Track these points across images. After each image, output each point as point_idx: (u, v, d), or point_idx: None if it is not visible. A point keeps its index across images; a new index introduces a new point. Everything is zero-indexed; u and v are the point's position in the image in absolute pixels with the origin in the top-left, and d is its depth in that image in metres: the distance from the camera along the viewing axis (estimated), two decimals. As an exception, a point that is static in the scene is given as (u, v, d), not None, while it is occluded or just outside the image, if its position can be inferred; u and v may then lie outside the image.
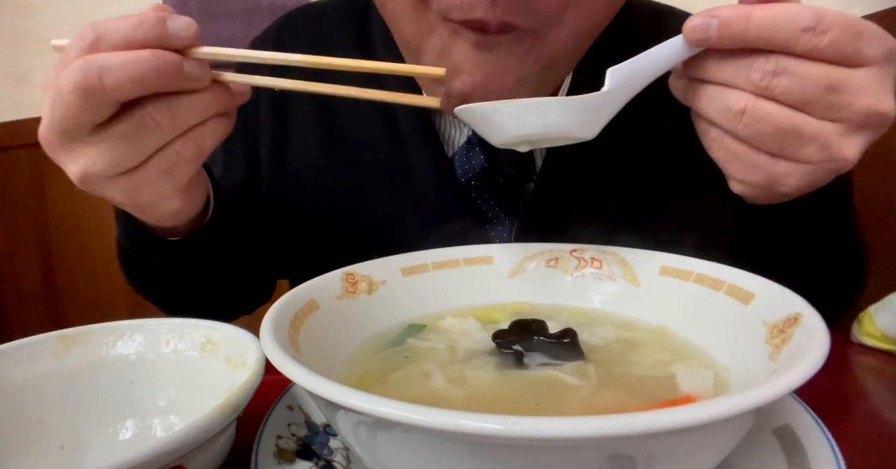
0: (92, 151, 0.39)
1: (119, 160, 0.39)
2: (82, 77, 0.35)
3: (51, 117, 0.38)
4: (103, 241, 1.68)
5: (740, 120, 0.36)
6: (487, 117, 0.40)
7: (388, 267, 0.46)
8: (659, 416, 0.20)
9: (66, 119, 0.37)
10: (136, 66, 0.35)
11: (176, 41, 0.36)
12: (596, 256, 0.47)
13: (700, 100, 0.38)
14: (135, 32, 0.36)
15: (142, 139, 0.38)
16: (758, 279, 0.37)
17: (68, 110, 0.36)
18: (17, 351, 0.39)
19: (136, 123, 0.37)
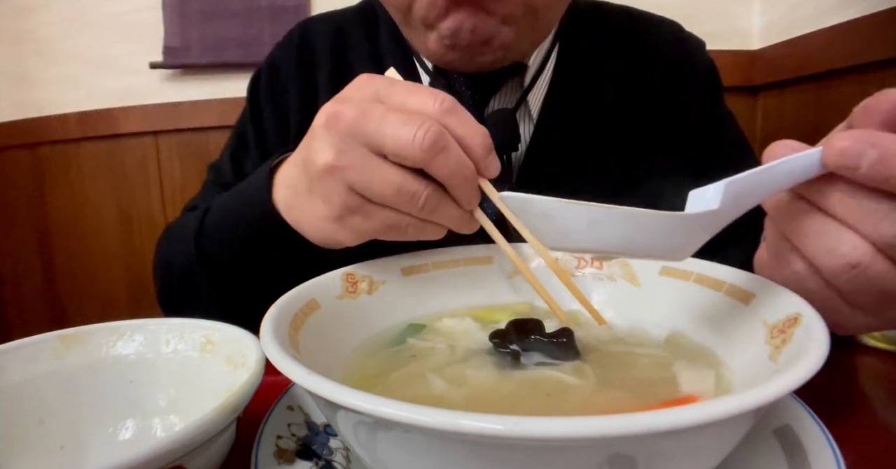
0: (352, 231, 0.43)
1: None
2: (402, 201, 0.39)
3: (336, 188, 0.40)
4: (103, 241, 1.68)
5: (847, 273, 0.30)
6: (549, 217, 0.32)
7: (388, 267, 0.46)
8: (659, 416, 0.20)
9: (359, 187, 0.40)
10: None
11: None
12: (596, 256, 0.47)
13: (802, 229, 0.31)
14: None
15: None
16: (758, 279, 0.36)
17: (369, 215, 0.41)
18: (17, 351, 0.39)
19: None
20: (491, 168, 0.39)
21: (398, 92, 0.39)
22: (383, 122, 0.37)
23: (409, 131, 0.36)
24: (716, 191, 0.30)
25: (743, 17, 1.35)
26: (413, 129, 0.35)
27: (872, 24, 0.97)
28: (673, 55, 0.73)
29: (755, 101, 1.34)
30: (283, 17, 1.50)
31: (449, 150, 0.37)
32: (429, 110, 0.37)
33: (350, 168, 0.39)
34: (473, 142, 0.38)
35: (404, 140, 0.36)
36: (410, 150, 0.36)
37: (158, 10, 1.53)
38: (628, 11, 0.76)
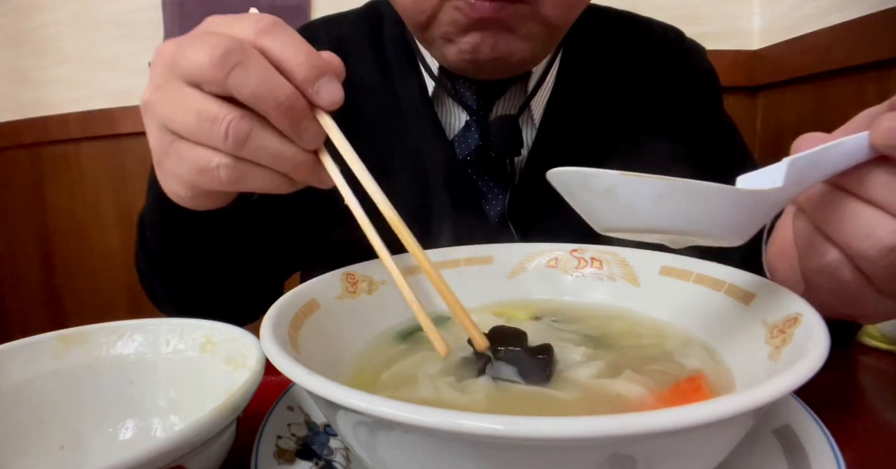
0: (184, 152, 0.37)
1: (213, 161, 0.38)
2: (235, 142, 0.34)
3: (167, 119, 0.36)
4: (103, 241, 1.68)
5: (885, 257, 0.29)
6: (612, 193, 0.29)
7: (388, 267, 0.45)
8: (659, 416, 0.20)
9: (188, 154, 0.36)
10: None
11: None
12: (596, 256, 0.47)
13: (835, 215, 0.31)
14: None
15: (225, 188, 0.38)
16: (758, 279, 0.36)
17: (194, 147, 0.36)
18: (17, 351, 0.39)
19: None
20: (323, 94, 0.35)
21: (225, 21, 0.36)
22: (190, 48, 0.34)
23: (205, 50, 0.32)
24: (779, 169, 0.29)
25: (743, 17, 1.35)
26: (209, 48, 0.32)
27: (872, 24, 0.97)
28: (675, 62, 0.74)
29: (755, 101, 1.34)
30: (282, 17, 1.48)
31: (247, 67, 0.32)
32: (244, 33, 0.34)
33: (159, 101, 0.36)
34: (293, 62, 0.34)
35: (199, 59, 0.33)
36: (202, 69, 0.33)
37: (158, 10, 1.53)
38: (632, 18, 0.77)
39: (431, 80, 0.68)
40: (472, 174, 0.68)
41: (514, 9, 0.53)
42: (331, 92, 0.35)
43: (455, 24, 0.54)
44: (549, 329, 0.42)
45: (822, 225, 0.32)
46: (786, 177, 0.29)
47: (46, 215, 1.73)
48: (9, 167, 1.73)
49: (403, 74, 0.70)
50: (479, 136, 0.67)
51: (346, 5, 0.80)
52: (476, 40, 0.55)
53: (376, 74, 0.71)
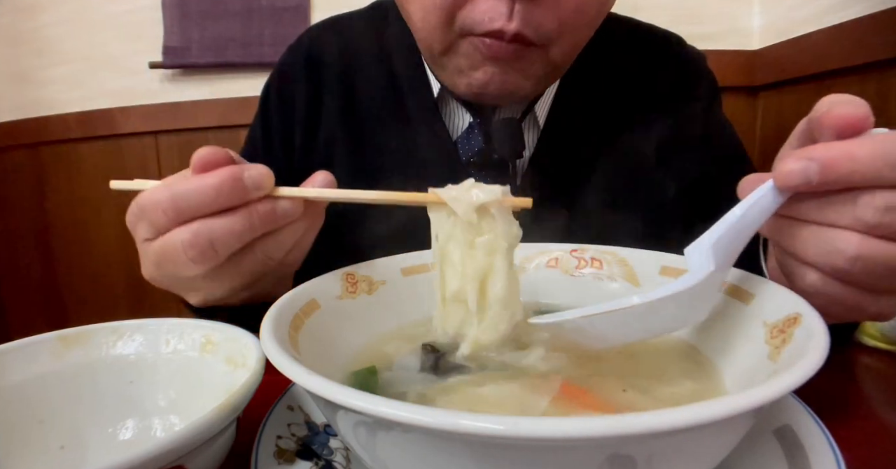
0: (210, 285, 0.43)
1: (239, 287, 0.43)
2: (197, 252, 0.38)
3: (160, 272, 0.42)
4: (103, 241, 1.68)
5: (854, 264, 0.31)
6: (581, 331, 0.35)
7: (388, 267, 0.46)
8: (659, 416, 0.20)
9: (180, 274, 0.41)
10: (240, 227, 0.38)
11: (258, 193, 0.39)
12: (596, 256, 0.47)
13: (797, 242, 0.33)
14: (217, 198, 0.37)
15: (258, 269, 0.42)
16: (758, 279, 0.36)
17: (182, 270, 0.40)
18: (17, 351, 0.39)
19: (251, 262, 0.41)
20: (258, 187, 0.39)
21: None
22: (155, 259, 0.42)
23: (179, 256, 0.39)
24: (707, 256, 0.33)
25: (743, 17, 1.35)
26: (167, 253, 0.40)
27: (872, 24, 0.97)
28: (675, 68, 0.75)
29: (755, 101, 1.34)
30: (283, 17, 1.50)
31: (218, 237, 0.38)
32: (158, 223, 0.40)
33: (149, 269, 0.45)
34: (217, 201, 0.38)
35: (179, 264, 0.40)
36: (190, 265, 0.40)
37: (158, 10, 1.53)
38: (635, 25, 0.78)
39: (437, 83, 0.69)
40: (474, 175, 0.68)
41: (528, 51, 0.55)
42: (252, 180, 0.38)
43: (469, 58, 0.56)
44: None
45: (791, 251, 0.34)
46: (715, 260, 0.33)
47: (46, 215, 1.73)
48: (9, 167, 1.73)
49: (409, 77, 0.71)
50: (483, 138, 0.68)
51: (346, 5, 0.80)
52: (486, 77, 0.57)
53: (382, 77, 0.72)
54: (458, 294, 0.38)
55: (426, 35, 0.58)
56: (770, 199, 0.33)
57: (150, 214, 0.39)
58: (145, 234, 0.41)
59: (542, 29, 0.54)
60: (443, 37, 0.57)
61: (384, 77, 0.72)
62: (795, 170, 0.31)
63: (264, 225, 0.39)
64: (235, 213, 0.38)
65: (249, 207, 0.38)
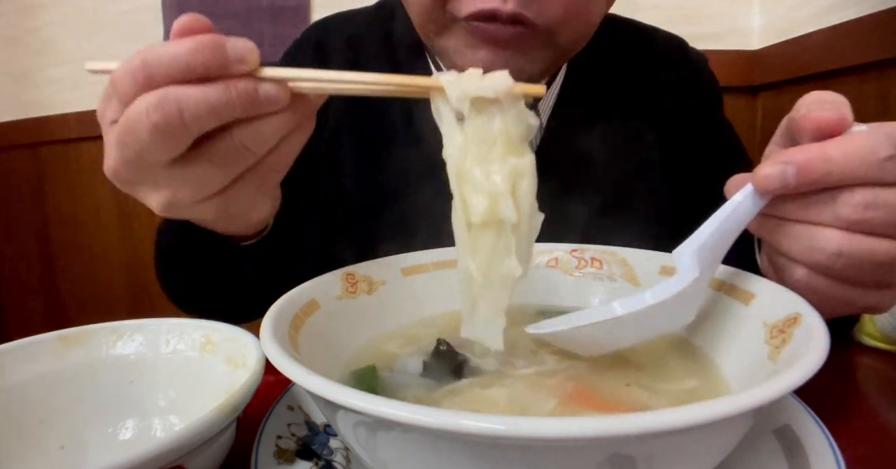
0: (176, 181, 0.37)
1: (208, 185, 0.37)
2: (162, 117, 0.32)
3: (122, 154, 0.36)
4: (103, 241, 1.68)
5: (838, 260, 0.32)
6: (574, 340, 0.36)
7: (388, 267, 0.46)
8: (659, 416, 0.20)
9: (144, 156, 0.35)
10: (214, 99, 0.33)
11: (240, 67, 0.33)
12: (596, 256, 0.47)
13: (783, 240, 0.35)
14: (192, 59, 0.32)
15: (233, 164, 0.36)
16: (758, 279, 0.36)
17: (145, 148, 0.34)
18: (17, 351, 0.39)
19: (223, 152, 0.35)
20: (241, 59, 0.33)
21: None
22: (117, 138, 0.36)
23: (140, 125, 0.33)
24: (691, 261, 0.34)
25: (743, 17, 1.35)
26: (130, 124, 0.34)
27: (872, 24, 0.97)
28: (677, 70, 0.75)
29: (755, 101, 1.34)
30: (283, 17, 1.50)
31: (187, 105, 0.32)
32: (123, 91, 0.34)
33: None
34: (192, 65, 0.32)
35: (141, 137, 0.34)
36: (152, 136, 0.33)
37: (158, 10, 1.53)
38: (636, 25, 0.78)
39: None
40: None
41: (531, 36, 0.53)
42: (235, 49, 0.33)
43: (465, 39, 0.55)
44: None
45: (777, 248, 0.36)
46: (699, 265, 0.34)
47: (46, 215, 1.73)
48: (9, 167, 1.73)
49: (412, 63, 0.71)
50: None
51: (346, 5, 0.80)
52: (489, 58, 0.55)
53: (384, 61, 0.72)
54: (489, 213, 0.34)
55: (421, 17, 0.57)
56: (752, 202, 0.34)
57: (119, 86, 0.34)
58: (113, 114, 0.35)
59: (546, 13, 0.52)
60: (437, 16, 0.55)
61: (387, 67, 0.72)
62: (773, 174, 0.32)
63: (243, 105, 0.34)
64: (212, 84, 0.33)
65: (228, 82, 0.33)
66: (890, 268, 0.33)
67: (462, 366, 0.36)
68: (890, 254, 0.32)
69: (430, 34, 0.58)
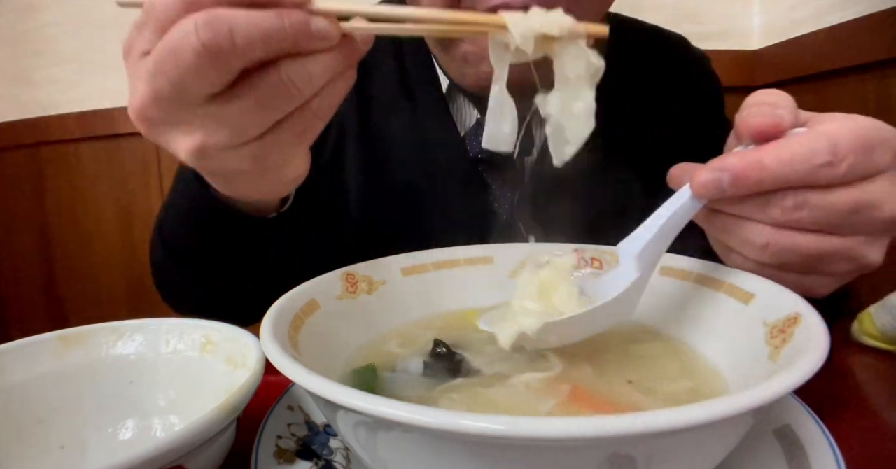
0: (213, 120, 0.33)
1: (249, 127, 0.34)
2: (211, 36, 0.29)
3: (156, 87, 0.32)
4: (103, 241, 1.68)
5: (764, 252, 0.35)
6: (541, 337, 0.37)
7: (388, 267, 0.46)
8: (659, 416, 0.20)
9: (182, 86, 0.31)
10: (267, 26, 0.30)
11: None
12: (596, 256, 0.47)
13: (719, 230, 0.38)
14: None
15: (278, 104, 0.33)
16: (758, 279, 0.37)
17: (187, 75, 0.31)
18: (17, 351, 0.39)
19: (269, 88, 0.32)
20: None
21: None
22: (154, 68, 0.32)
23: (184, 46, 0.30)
24: (634, 263, 0.37)
25: (743, 17, 1.35)
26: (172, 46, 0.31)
27: (872, 24, 0.97)
28: (680, 69, 0.76)
29: (755, 101, 1.34)
30: (283, 17, 1.50)
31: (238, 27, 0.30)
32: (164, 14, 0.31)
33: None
34: None
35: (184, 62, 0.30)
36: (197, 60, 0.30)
37: (158, 10, 1.53)
38: (640, 25, 0.78)
39: (446, 78, 0.69)
40: (482, 172, 0.69)
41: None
42: None
43: (476, 44, 0.54)
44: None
45: (716, 236, 0.39)
46: (640, 267, 0.37)
47: (46, 215, 1.73)
48: (9, 167, 1.73)
49: (419, 73, 0.71)
50: None
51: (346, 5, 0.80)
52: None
53: (394, 71, 0.72)
54: None
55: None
56: (690, 204, 0.36)
57: (158, 11, 0.31)
58: (146, 44, 0.32)
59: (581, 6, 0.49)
60: None
61: (396, 71, 0.72)
62: (710, 181, 0.34)
63: (295, 36, 0.31)
64: (263, 9, 0.30)
65: (281, 10, 0.31)
66: (818, 259, 0.35)
67: (460, 366, 0.36)
68: (815, 247, 0.34)
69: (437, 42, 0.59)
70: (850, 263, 0.36)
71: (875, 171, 0.34)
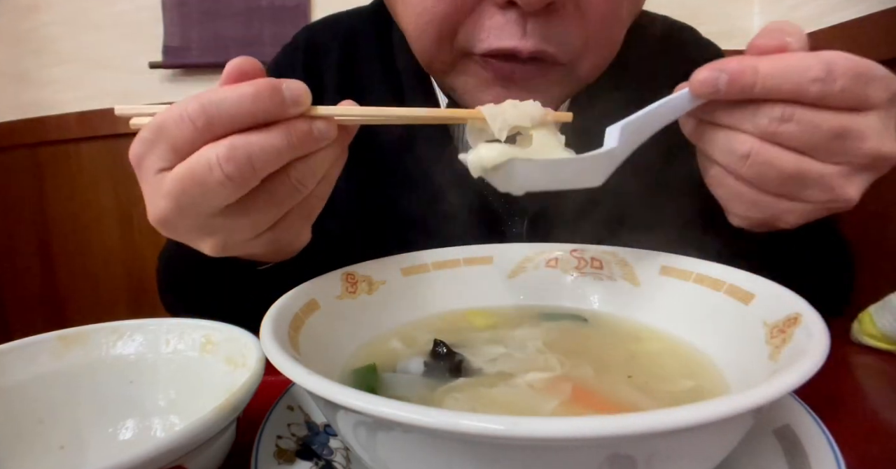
0: (232, 224, 0.37)
1: (264, 223, 0.38)
2: (235, 168, 0.33)
3: (178, 204, 0.36)
4: (103, 242, 1.68)
5: (744, 163, 0.36)
6: (497, 168, 0.39)
7: (388, 267, 0.46)
8: (659, 416, 0.20)
9: (203, 204, 0.35)
10: (278, 144, 0.34)
11: (296, 110, 0.35)
12: (596, 256, 0.47)
13: (706, 140, 0.39)
14: (254, 106, 0.33)
15: (288, 200, 0.38)
16: (758, 279, 0.37)
17: (209, 196, 0.35)
18: (17, 351, 0.39)
19: (284, 190, 0.36)
20: (296, 102, 0.35)
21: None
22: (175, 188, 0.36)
23: (212, 178, 0.34)
24: (614, 133, 0.39)
25: (743, 17, 1.35)
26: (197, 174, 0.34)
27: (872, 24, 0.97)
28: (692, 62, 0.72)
29: (755, 101, 1.34)
30: (283, 17, 1.50)
31: (256, 155, 0.34)
32: (180, 138, 0.35)
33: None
34: (254, 112, 0.34)
35: (210, 189, 0.35)
36: (225, 188, 0.34)
37: (158, 10, 1.53)
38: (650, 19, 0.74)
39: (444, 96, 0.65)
40: (487, 195, 0.65)
41: (550, 70, 0.50)
42: (289, 95, 0.34)
43: (477, 76, 0.51)
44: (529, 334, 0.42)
45: (702, 150, 0.40)
46: (619, 138, 0.38)
47: (46, 215, 1.73)
48: (9, 167, 1.73)
49: (413, 86, 0.67)
50: None
51: (346, 5, 0.79)
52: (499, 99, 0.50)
53: (386, 83, 0.68)
54: None
55: (424, 54, 0.53)
56: (685, 101, 0.38)
57: (172, 131, 0.34)
58: (161, 162, 0.35)
59: (568, 45, 0.49)
60: (442, 55, 0.51)
61: (388, 83, 0.68)
62: (708, 78, 0.36)
63: (302, 144, 0.35)
64: (273, 128, 0.34)
65: (288, 124, 0.34)
66: (795, 180, 0.36)
67: (460, 366, 0.36)
68: (794, 165, 0.35)
69: (436, 72, 0.55)
70: (826, 193, 0.36)
71: (866, 104, 0.35)
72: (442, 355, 0.37)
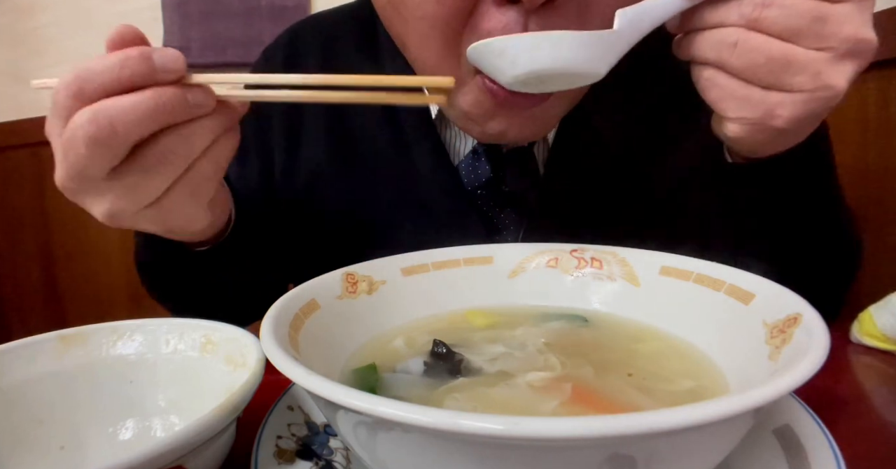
0: (114, 191, 0.39)
1: (143, 194, 0.39)
2: (95, 130, 0.35)
3: (66, 167, 0.38)
4: (103, 241, 1.68)
5: (732, 52, 0.38)
6: (503, 51, 0.40)
7: (388, 267, 0.46)
8: (659, 416, 0.20)
9: (83, 168, 0.37)
10: (144, 108, 0.35)
11: (166, 76, 0.36)
12: (596, 256, 0.47)
13: (696, 45, 0.40)
14: (121, 72, 0.35)
15: (163, 171, 0.38)
16: (758, 279, 0.36)
17: (84, 161, 0.36)
18: (17, 351, 0.39)
19: (154, 158, 0.38)
20: (165, 68, 0.35)
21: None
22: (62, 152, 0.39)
23: (77, 139, 0.36)
24: (621, 16, 0.40)
25: (743, 17, 1.35)
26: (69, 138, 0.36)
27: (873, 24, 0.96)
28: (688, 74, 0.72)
29: (755, 101, 1.34)
30: (283, 17, 1.50)
31: (118, 116, 0.35)
32: (62, 107, 0.37)
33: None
34: (120, 77, 0.35)
35: (79, 152, 0.36)
36: (89, 149, 0.36)
37: (158, 10, 1.53)
38: None
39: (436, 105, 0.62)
40: (482, 206, 0.64)
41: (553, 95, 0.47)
42: (163, 61, 0.35)
43: (480, 105, 0.47)
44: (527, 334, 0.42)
45: (692, 56, 0.41)
46: (618, 23, 0.40)
47: (46, 215, 1.73)
48: (9, 167, 1.73)
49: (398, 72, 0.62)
50: (490, 166, 0.62)
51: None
52: (502, 127, 0.49)
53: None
54: None
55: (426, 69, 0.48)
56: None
57: (56, 99, 0.36)
58: (55, 129, 0.38)
59: None
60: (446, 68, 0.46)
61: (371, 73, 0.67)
62: None
63: (172, 110, 0.36)
64: (140, 93, 0.35)
65: (157, 89, 0.35)
66: (782, 67, 0.37)
67: (460, 366, 0.36)
68: (778, 51, 0.37)
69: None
70: (814, 80, 0.38)
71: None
72: (442, 355, 0.37)
